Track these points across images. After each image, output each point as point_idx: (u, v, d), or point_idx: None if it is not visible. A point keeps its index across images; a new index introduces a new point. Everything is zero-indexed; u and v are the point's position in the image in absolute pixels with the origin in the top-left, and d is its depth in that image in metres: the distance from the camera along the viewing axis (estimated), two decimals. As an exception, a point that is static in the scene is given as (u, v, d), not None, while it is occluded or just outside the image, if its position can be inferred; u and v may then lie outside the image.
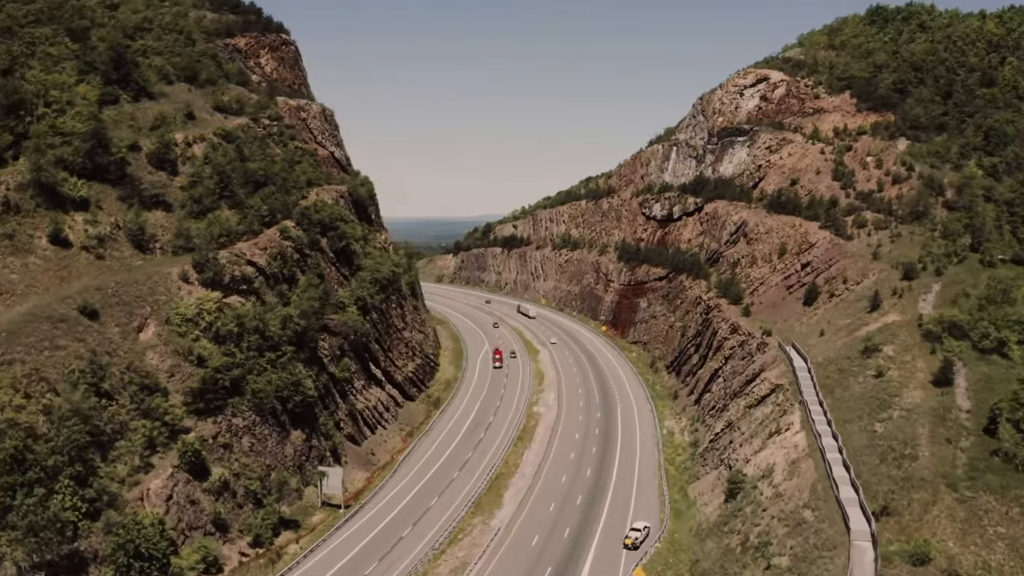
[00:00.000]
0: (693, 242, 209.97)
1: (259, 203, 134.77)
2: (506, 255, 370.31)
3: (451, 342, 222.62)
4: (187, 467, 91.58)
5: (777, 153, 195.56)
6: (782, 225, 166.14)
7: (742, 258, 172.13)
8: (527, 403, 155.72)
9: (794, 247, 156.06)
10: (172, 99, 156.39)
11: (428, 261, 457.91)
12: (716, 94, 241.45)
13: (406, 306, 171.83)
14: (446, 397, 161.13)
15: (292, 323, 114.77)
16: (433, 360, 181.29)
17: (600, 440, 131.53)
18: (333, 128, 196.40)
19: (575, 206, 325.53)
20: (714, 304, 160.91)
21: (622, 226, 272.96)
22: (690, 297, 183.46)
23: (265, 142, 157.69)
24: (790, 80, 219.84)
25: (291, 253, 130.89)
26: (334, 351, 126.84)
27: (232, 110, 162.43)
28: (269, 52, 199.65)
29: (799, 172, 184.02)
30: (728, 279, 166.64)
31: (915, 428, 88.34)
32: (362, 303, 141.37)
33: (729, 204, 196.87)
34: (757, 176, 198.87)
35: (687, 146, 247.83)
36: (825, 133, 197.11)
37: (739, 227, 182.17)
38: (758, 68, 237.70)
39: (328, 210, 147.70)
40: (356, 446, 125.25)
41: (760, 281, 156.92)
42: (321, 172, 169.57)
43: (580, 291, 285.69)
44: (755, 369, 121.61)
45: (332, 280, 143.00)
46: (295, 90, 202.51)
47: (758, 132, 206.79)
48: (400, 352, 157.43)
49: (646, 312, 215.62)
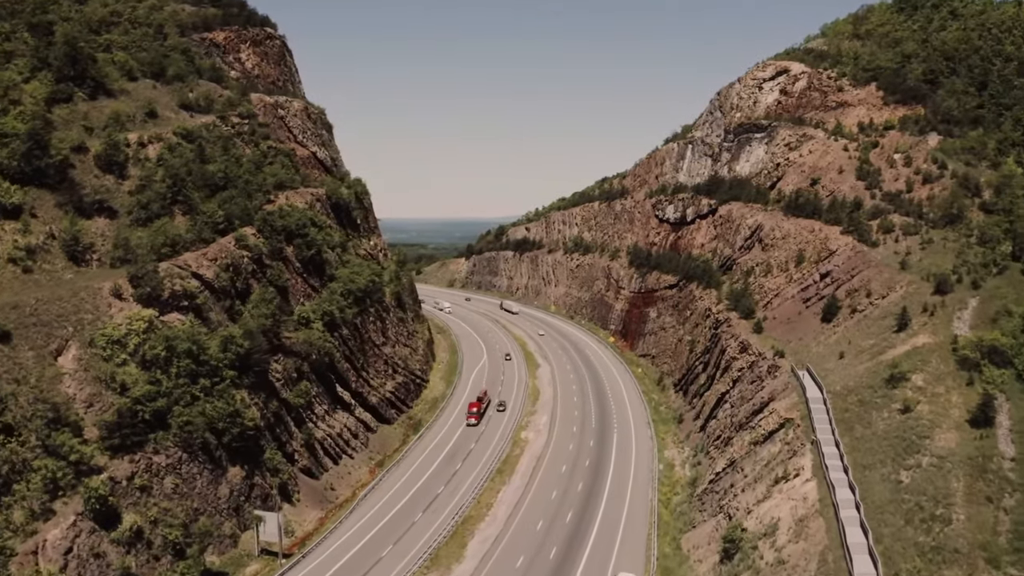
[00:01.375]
0: (706, 247, 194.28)
1: (215, 209, 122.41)
2: (518, 259, 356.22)
3: (447, 354, 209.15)
4: (93, 514, 79.08)
5: (797, 150, 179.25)
6: (800, 230, 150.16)
7: (756, 266, 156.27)
8: (515, 427, 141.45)
9: (813, 254, 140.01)
10: (134, 97, 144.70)
11: (440, 265, 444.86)
12: (734, 88, 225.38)
13: (388, 319, 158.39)
14: (429, 419, 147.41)
15: (234, 345, 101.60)
16: (420, 376, 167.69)
17: (589, 474, 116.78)
18: (318, 127, 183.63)
19: (588, 208, 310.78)
20: (724, 318, 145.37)
21: (635, 229, 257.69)
22: (699, 309, 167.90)
23: (232, 142, 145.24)
24: (812, 72, 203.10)
25: (246, 264, 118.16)
26: (289, 374, 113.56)
27: (199, 108, 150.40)
28: (251, 47, 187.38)
29: (820, 171, 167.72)
30: (740, 290, 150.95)
31: (948, 481, 72.90)
32: (329, 318, 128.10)
33: (744, 206, 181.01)
34: (775, 175, 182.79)
35: (703, 144, 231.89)
36: (849, 128, 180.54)
37: (754, 231, 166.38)
38: (778, 60, 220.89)
39: (297, 215, 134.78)
40: (313, 480, 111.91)
41: (775, 292, 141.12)
42: (296, 174, 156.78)
43: (590, 298, 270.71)
44: (764, 397, 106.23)
45: (298, 293, 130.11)
46: (279, 87, 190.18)
47: (777, 128, 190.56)
48: (377, 370, 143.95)
49: (655, 323, 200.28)
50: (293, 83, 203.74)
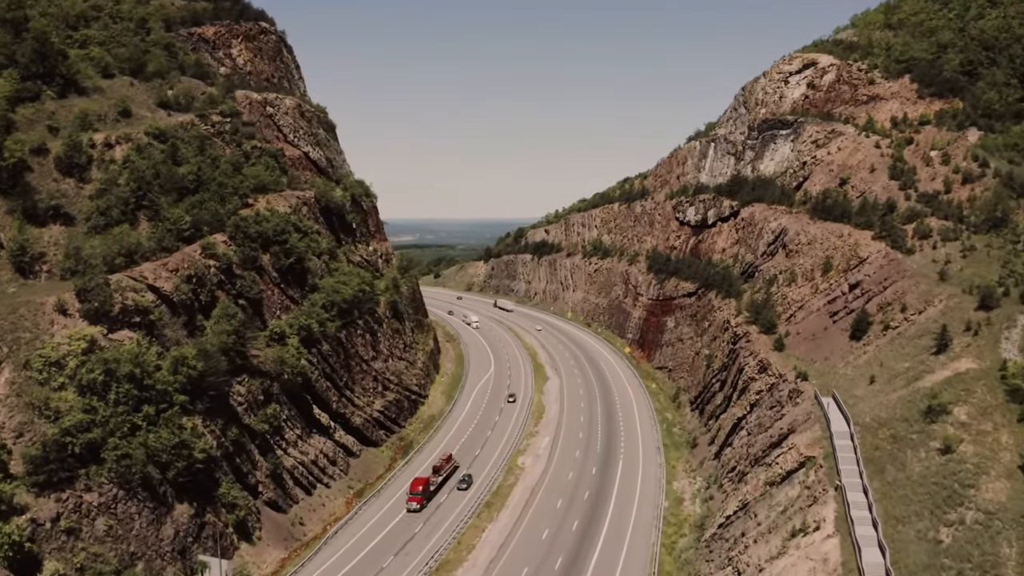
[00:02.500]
0: (727, 252, 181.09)
1: (181, 214, 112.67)
2: (536, 263, 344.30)
3: (453, 365, 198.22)
4: (7, 563, 69.48)
5: (825, 148, 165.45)
6: (827, 234, 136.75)
7: (779, 274, 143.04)
8: (513, 451, 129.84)
9: (841, 262, 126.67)
10: (109, 95, 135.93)
11: (459, 268, 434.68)
12: (759, 83, 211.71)
13: (381, 331, 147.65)
14: (421, 440, 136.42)
15: (185, 366, 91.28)
16: (418, 392, 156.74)
17: (587, 510, 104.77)
18: (313, 125, 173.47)
19: (608, 209, 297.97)
20: (742, 332, 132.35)
21: (655, 232, 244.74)
22: (718, 320, 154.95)
23: (210, 142, 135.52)
24: (841, 64, 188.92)
25: (213, 274, 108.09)
26: (255, 396, 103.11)
27: (177, 106, 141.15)
28: (243, 42, 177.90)
29: (850, 170, 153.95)
30: (761, 300, 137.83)
31: (998, 544, 60.28)
32: (307, 333, 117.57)
33: (768, 208, 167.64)
34: (801, 175, 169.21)
35: (725, 142, 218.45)
36: (881, 124, 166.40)
37: (778, 236, 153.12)
38: (805, 52, 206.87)
39: (276, 220, 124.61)
40: (280, 514, 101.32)
41: (799, 304, 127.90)
42: (283, 175, 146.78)
43: (608, 304, 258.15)
44: (783, 428, 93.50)
45: (274, 305, 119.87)
46: (273, 84, 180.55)
47: (803, 124, 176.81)
48: (364, 388, 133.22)
49: (673, 333, 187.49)
50: (290, 80, 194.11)
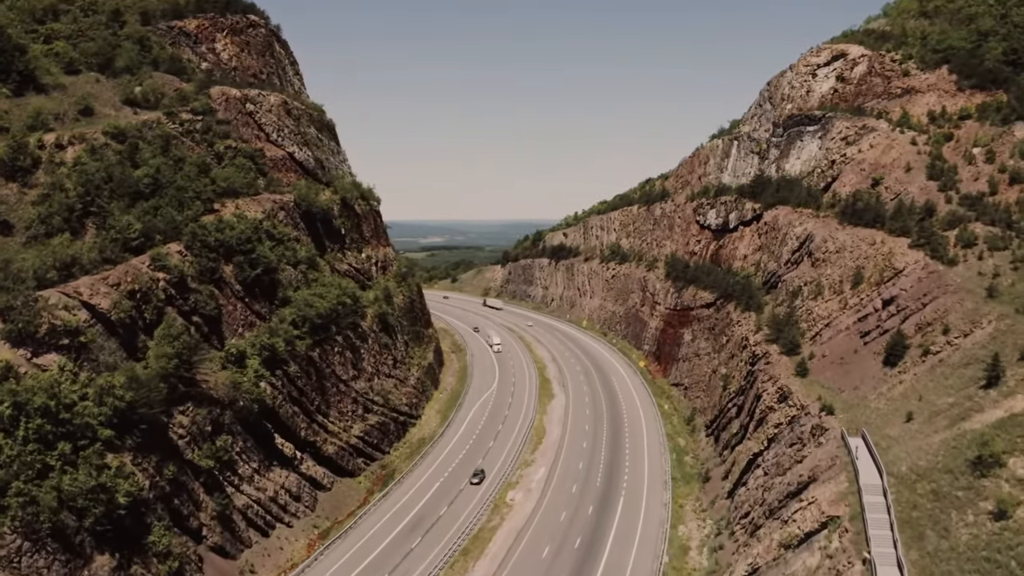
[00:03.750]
0: (749, 259, 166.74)
1: (131, 222, 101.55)
2: (553, 267, 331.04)
3: (454, 379, 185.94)
4: None
5: (855, 145, 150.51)
6: (858, 241, 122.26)
7: (804, 285, 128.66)
8: (503, 484, 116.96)
9: (874, 273, 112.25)
10: (71, 91, 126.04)
11: (477, 272, 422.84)
12: (785, 77, 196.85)
13: (365, 347, 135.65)
14: (405, 468, 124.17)
15: (112, 396, 79.77)
16: (408, 413, 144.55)
17: (576, 563, 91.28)
18: (301, 124, 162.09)
19: (627, 212, 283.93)
20: (762, 352, 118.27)
21: (674, 236, 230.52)
22: (736, 336, 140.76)
23: (177, 142, 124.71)
24: (873, 55, 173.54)
25: (161, 289, 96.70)
26: (201, 427, 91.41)
27: (145, 103, 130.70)
28: (229, 36, 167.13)
29: (883, 169, 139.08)
30: (784, 316, 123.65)
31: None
32: (270, 353, 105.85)
33: (793, 211, 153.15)
34: (829, 175, 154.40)
35: (749, 140, 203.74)
36: (917, 118, 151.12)
37: (803, 242, 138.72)
38: (834, 44, 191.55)
39: (241, 227, 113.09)
40: (228, 560, 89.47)
41: (825, 321, 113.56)
42: (260, 177, 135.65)
43: (625, 313, 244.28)
44: (803, 475, 79.68)
45: (236, 322, 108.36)
46: (261, 80, 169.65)
47: (832, 120, 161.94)
48: (342, 412, 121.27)
49: (689, 347, 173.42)
50: (282, 76, 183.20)
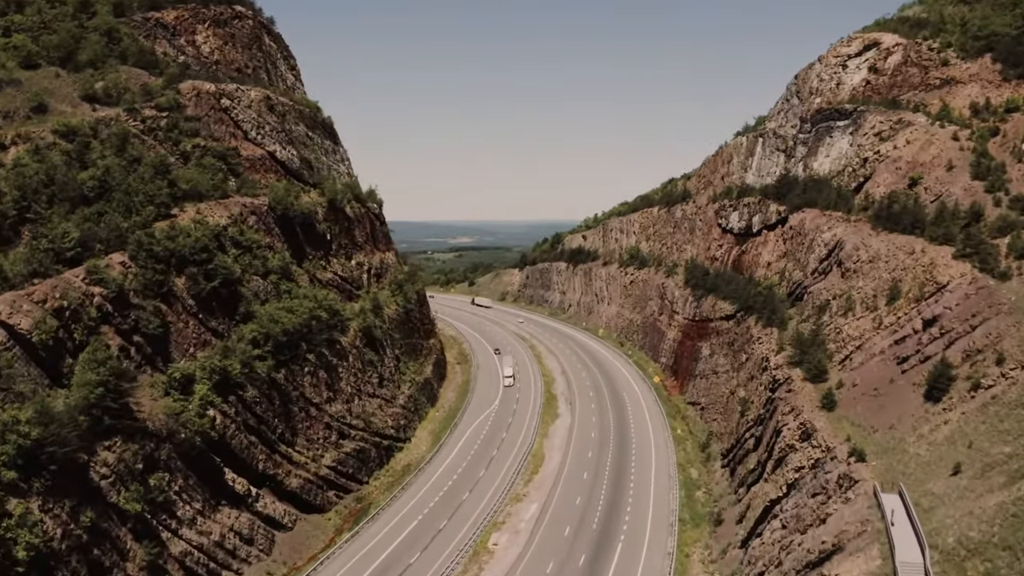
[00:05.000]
0: (773, 267, 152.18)
1: (69, 229, 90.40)
2: (571, 272, 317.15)
3: (455, 394, 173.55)
4: None
5: (890, 141, 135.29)
6: (894, 250, 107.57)
7: (833, 299, 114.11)
8: (488, 523, 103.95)
9: (912, 288, 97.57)
10: (27, 87, 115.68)
11: (494, 275, 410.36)
12: (814, 69, 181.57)
13: (344, 366, 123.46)
14: (383, 500, 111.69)
15: (15, 434, 68.23)
16: (394, 436, 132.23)
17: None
18: (286, 122, 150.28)
19: (647, 214, 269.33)
20: (783, 377, 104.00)
21: (695, 240, 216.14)
22: (756, 355, 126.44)
23: (137, 140, 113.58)
24: (908, 44, 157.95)
25: (95, 306, 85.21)
26: (130, 465, 79.49)
27: (107, 99, 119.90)
28: (211, 27, 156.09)
29: (921, 167, 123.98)
30: (809, 334, 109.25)
31: None
32: (221, 377, 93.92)
33: (821, 215, 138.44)
34: (861, 174, 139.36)
35: (775, 136, 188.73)
36: (959, 112, 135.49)
37: (832, 250, 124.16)
38: (866, 33, 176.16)
39: (197, 234, 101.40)
40: (159, 622, 77.70)
41: (857, 343, 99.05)
42: (231, 179, 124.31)
43: (643, 322, 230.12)
44: (826, 540, 65.71)
45: (187, 341, 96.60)
46: (247, 74, 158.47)
47: (864, 114, 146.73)
48: (311, 439, 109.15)
49: (707, 363, 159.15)
50: (271, 71, 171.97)
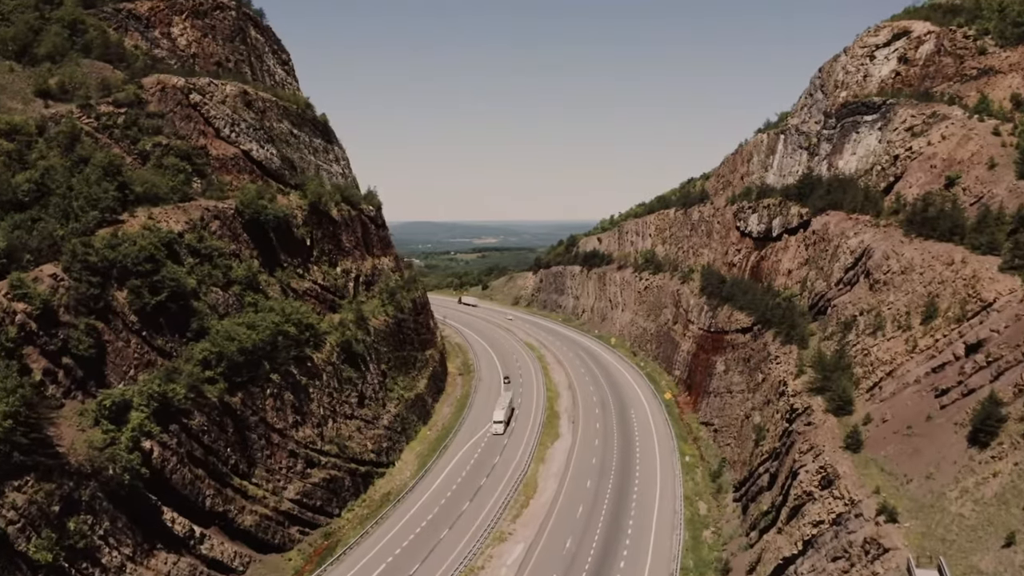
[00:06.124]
0: (793, 276, 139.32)
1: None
2: (585, 276, 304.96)
3: (451, 409, 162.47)
4: None
5: (923, 136, 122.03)
6: (931, 260, 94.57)
7: (860, 315, 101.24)
8: (463, 570, 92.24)
9: (952, 306, 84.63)
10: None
11: (508, 279, 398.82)
12: (839, 61, 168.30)
13: (316, 385, 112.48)
14: (353, 536, 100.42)
15: None
16: (375, 461, 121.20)
17: None
18: (266, 119, 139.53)
19: (663, 216, 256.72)
20: (802, 406, 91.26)
21: (712, 244, 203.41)
22: (773, 377, 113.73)
23: (90, 139, 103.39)
24: (941, 31, 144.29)
25: (14, 325, 74.79)
26: (44, 508, 68.80)
27: (61, 95, 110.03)
28: (189, 19, 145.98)
29: (959, 165, 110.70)
30: (833, 356, 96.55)
31: None
32: (161, 403, 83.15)
33: (846, 218, 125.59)
34: (891, 173, 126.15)
35: (797, 133, 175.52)
36: (999, 104, 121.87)
37: (859, 258, 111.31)
38: (895, 21, 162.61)
39: (143, 243, 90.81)
40: None
41: (887, 368, 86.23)
42: (194, 180, 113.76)
43: (657, 330, 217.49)
44: (847, 622, 53.61)
45: (127, 363, 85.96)
46: (228, 68, 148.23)
47: (894, 107, 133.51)
48: (272, 469, 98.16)
49: (722, 380, 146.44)
50: (257, 65, 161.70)
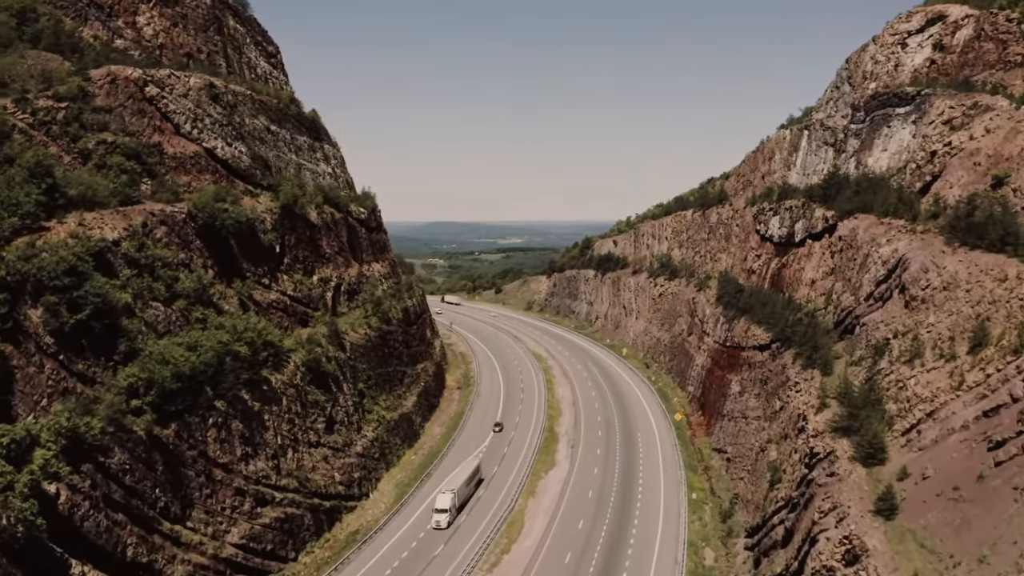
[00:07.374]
0: (817, 286, 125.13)
1: None
2: (599, 280, 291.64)
3: (443, 429, 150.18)
4: None
5: (964, 130, 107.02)
6: (979, 274, 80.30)
7: (894, 337, 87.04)
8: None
9: (1007, 332, 70.35)
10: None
11: (522, 283, 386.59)
12: (868, 51, 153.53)
13: (272, 412, 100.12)
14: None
15: None
16: (344, 494, 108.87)
17: None
18: (235, 113, 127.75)
19: (680, 218, 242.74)
20: (824, 450, 77.20)
21: (731, 248, 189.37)
22: (791, 407, 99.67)
23: (20, 137, 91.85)
24: (980, 15, 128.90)
25: None
26: None
27: None
28: (157, 7, 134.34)
29: (1008, 162, 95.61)
30: (862, 387, 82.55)
31: None
32: (72, 440, 71.14)
33: (878, 222, 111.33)
34: (928, 172, 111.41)
35: (822, 128, 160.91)
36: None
37: (892, 270, 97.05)
38: (929, 6, 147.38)
39: (63, 253, 78.89)
40: None
41: (928, 407, 72.16)
42: (141, 181, 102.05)
43: (670, 341, 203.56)
44: None
45: (38, 391, 73.91)
46: (199, 61, 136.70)
47: (930, 98, 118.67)
48: (213, 510, 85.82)
49: (736, 402, 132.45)
50: (235, 57, 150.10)
